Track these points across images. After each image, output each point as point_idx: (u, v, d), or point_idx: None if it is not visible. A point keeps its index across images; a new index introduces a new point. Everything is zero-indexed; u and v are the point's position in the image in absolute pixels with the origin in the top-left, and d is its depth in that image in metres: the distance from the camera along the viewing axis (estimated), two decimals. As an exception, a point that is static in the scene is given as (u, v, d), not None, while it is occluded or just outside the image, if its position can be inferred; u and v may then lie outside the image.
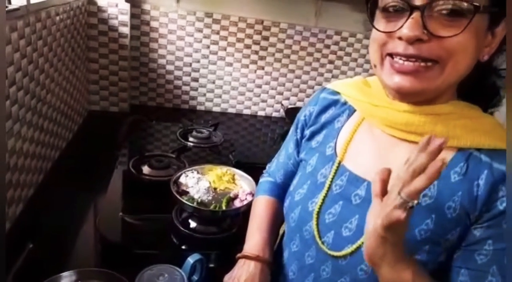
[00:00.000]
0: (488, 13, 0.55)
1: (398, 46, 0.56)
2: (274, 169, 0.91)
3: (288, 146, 0.86)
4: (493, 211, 0.56)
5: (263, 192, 0.90)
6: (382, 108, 0.65)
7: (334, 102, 0.77)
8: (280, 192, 0.87)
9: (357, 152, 0.70)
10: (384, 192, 0.54)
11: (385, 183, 0.54)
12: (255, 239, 0.81)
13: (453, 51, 0.55)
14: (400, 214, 0.49)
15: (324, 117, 0.77)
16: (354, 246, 0.63)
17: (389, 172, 0.54)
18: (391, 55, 0.58)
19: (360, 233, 0.62)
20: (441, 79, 0.57)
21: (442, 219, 0.58)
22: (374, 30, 0.61)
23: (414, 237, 0.59)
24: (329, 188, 0.69)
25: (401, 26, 0.55)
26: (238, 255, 0.80)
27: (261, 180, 0.96)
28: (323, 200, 0.69)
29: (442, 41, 0.54)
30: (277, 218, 0.86)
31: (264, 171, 0.98)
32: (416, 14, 0.54)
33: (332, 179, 0.69)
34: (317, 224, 0.68)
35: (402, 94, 0.60)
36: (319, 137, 0.76)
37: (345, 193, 0.67)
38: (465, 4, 0.52)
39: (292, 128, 0.86)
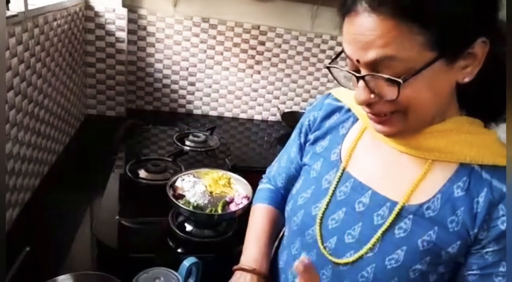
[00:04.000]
0: (435, 62, 0.52)
1: (364, 106, 0.60)
2: (275, 173, 0.90)
3: (291, 150, 0.85)
4: (495, 230, 0.57)
5: (261, 199, 0.89)
6: None
7: (339, 109, 0.77)
8: (280, 200, 0.87)
9: (362, 159, 0.70)
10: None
11: (310, 273, 0.55)
12: (252, 251, 0.81)
13: (407, 104, 0.55)
14: None
15: (328, 123, 0.77)
16: (357, 255, 0.63)
17: (310, 262, 0.55)
18: None
19: (363, 241, 0.63)
20: (408, 123, 0.58)
21: (444, 232, 0.59)
22: None
23: (416, 247, 0.60)
24: (333, 193, 0.69)
25: None
26: (235, 267, 0.79)
27: (260, 186, 0.94)
28: (327, 205, 0.69)
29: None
30: (275, 228, 0.85)
31: (263, 176, 0.96)
32: (361, 82, 0.56)
33: (337, 185, 0.69)
34: (320, 229, 0.68)
35: (389, 137, 0.64)
36: (324, 143, 0.76)
37: (349, 200, 0.67)
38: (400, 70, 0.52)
39: (295, 133, 0.86)
